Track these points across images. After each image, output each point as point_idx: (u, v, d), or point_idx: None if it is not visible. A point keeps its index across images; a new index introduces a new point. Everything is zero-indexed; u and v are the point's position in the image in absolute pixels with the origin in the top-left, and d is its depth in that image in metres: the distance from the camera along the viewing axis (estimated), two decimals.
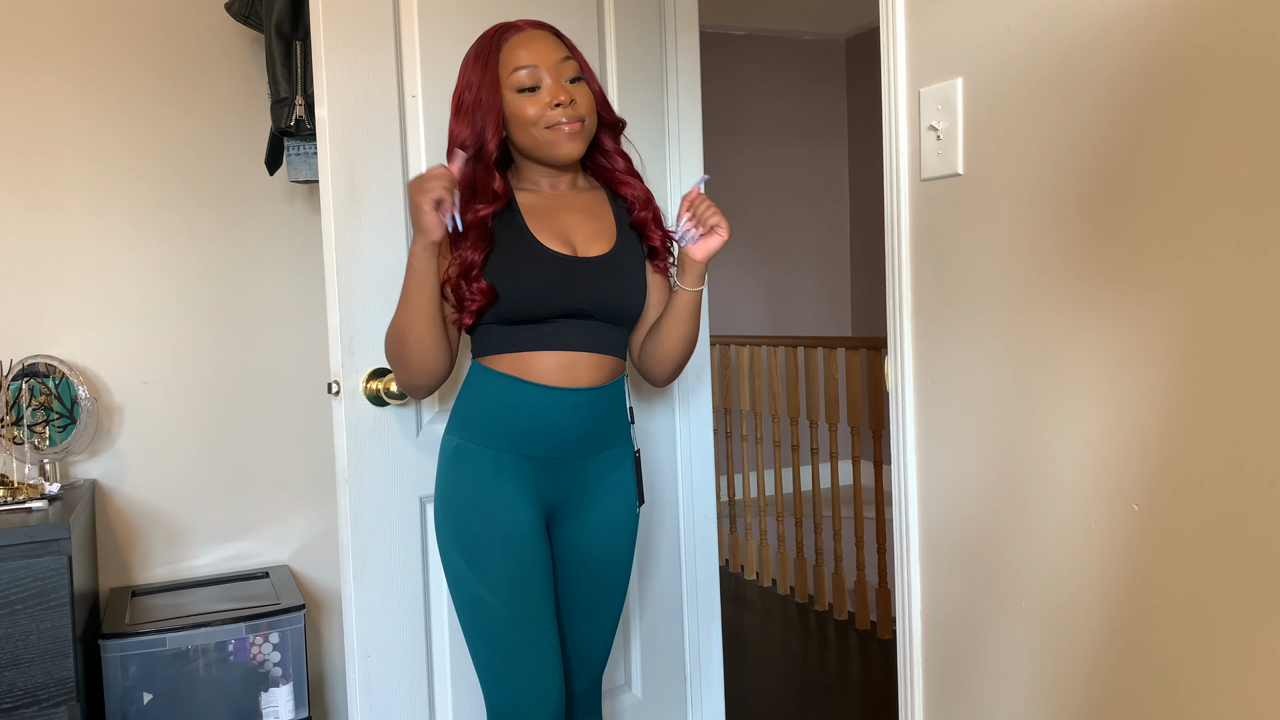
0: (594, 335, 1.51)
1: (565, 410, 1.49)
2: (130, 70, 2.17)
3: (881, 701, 2.79)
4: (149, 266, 2.20)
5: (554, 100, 1.44)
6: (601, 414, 1.53)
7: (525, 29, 1.47)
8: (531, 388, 1.48)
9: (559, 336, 1.48)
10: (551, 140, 1.46)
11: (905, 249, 1.34)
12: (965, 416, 1.27)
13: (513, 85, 1.45)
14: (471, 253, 1.44)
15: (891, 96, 1.34)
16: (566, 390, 1.49)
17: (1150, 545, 1.03)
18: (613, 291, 1.50)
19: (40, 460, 1.98)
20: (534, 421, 1.49)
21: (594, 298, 1.49)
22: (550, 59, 1.45)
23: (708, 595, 2.23)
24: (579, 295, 1.48)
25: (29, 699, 1.66)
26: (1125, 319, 1.04)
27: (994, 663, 1.26)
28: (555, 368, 1.48)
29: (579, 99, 1.46)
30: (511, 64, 1.45)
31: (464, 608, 1.50)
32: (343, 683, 2.39)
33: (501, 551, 1.47)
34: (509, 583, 1.46)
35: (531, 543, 1.49)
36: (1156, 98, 0.99)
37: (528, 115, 1.45)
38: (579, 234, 1.52)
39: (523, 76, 1.44)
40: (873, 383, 3.25)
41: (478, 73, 1.46)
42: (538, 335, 1.48)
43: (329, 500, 2.31)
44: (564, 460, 1.52)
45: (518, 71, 1.44)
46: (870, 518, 4.42)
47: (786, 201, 5.74)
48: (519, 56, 1.44)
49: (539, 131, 1.45)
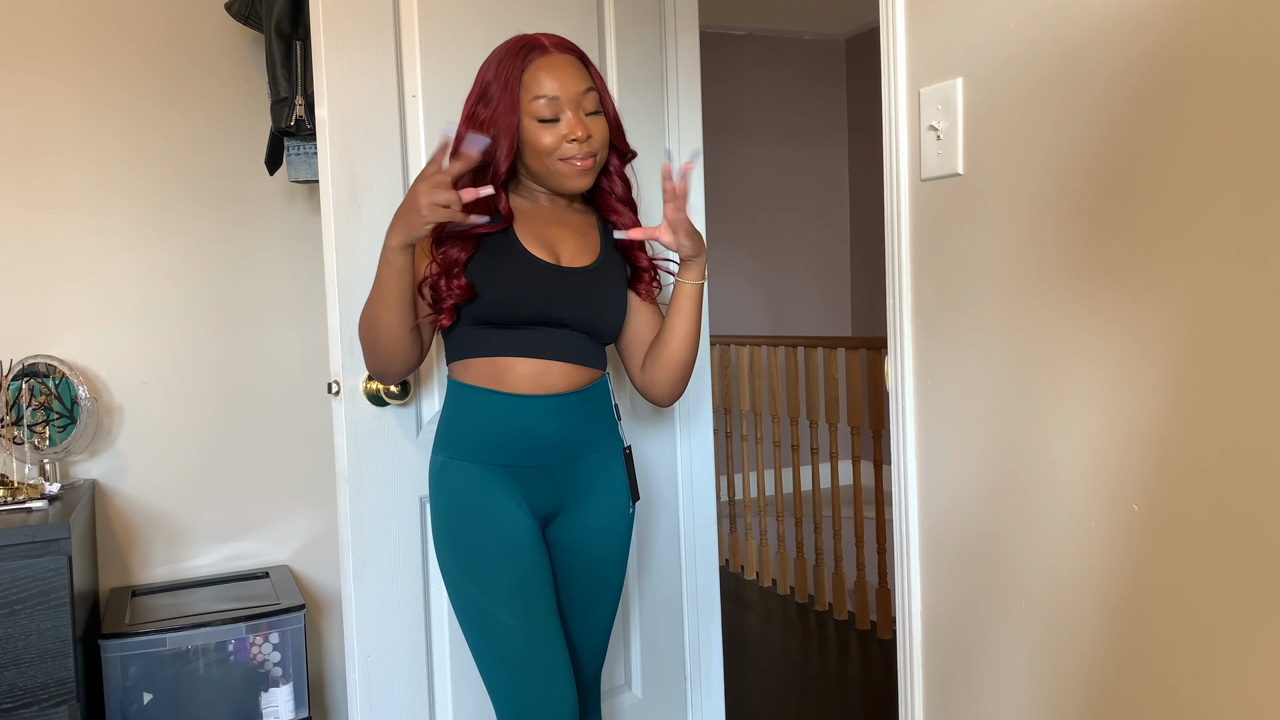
0: (570, 345, 1.50)
1: (542, 416, 1.49)
2: (130, 70, 2.17)
3: (881, 701, 2.79)
4: (149, 266, 2.20)
5: (571, 135, 1.43)
6: (582, 418, 1.53)
7: (552, 52, 1.44)
8: (506, 398, 1.47)
9: (535, 344, 1.48)
10: (563, 173, 1.46)
11: (905, 249, 1.34)
12: (965, 416, 1.27)
13: (533, 113, 1.43)
14: (457, 251, 1.44)
15: (891, 96, 1.34)
16: (541, 397, 1.48)
17: (1150, 545, 1.03)
18: (592, 304, 1.50)
19: (40, 460, 1.98)
20: (513, 431, 1.48)
21: (573, 308, 1.48)
22: (573, 90, 1.43)
23: (708, 595, 2.23)
24: (558, 304, 1.48)
25: (29, 699, 1.66)
26: (1125, 319, 1.04)
27: (994, 663, 1.26)
28: (528, 375, 1.48)
29: (596, 134, 1.45)
30: (534, 90, 1.42)
31: (469, 622, 1.48)
32: (343, 683, 2.39)
33: (501, 561, 1.46)
34: (512, 592, 1.46)
35: (529, 550, 1.48)
36: (1156, 98, 0.99)
37: (543, 145, 1.44)
38: (565, 246, 1.52)
39: (543, 107, 1.42)
40: (873, 383, 3.25)
41: (498, 89, 1.43)
42: (513, 341, 1.48)
43: (329, 500, 2.31)
44: (549, 467, 1.52)
45: (539, 100, 1.42)
46: (870, 518, 4.42)
47: (786, 201, 5.74)
48: (543, 84, 1.42)
49: (552, 162, 1.45)
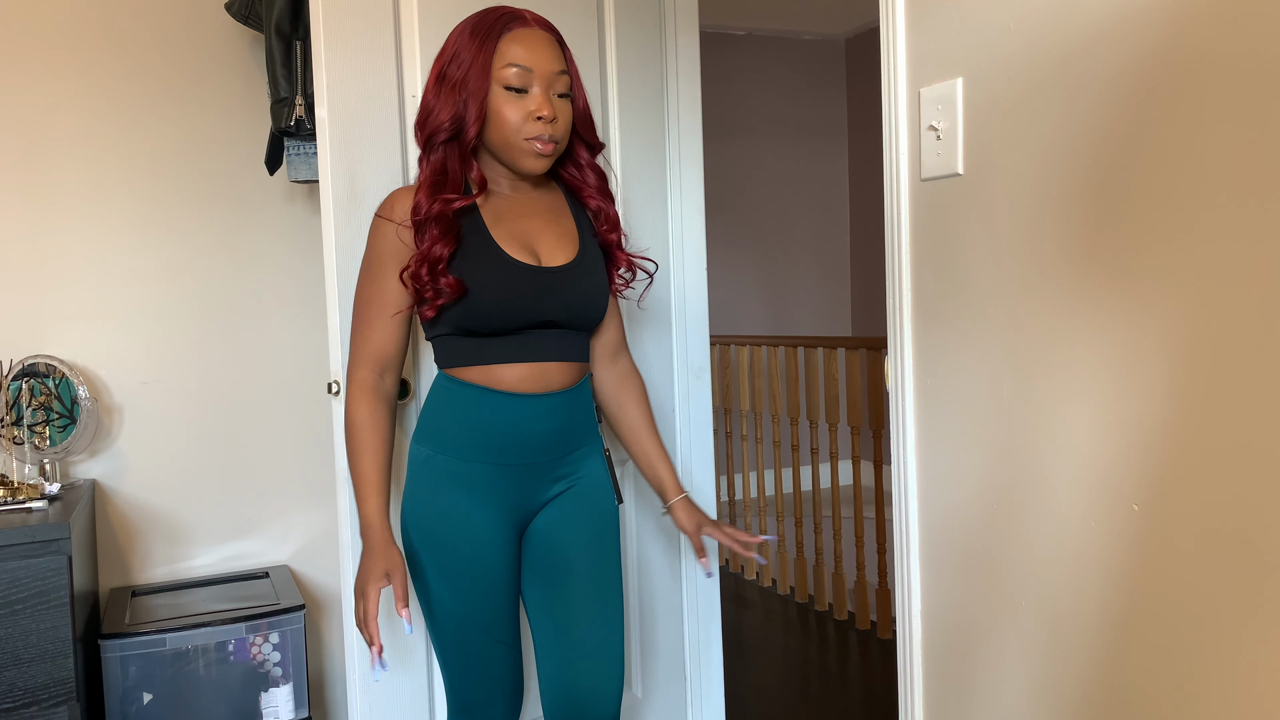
0: (561, 344, 1.49)
1: (537, 416, 1.47)
2: (130, 71, 2.17)
3: (881, 701, 2.79)
4: (149, 266, 2.20)
5: (539, 111, 1.40)
6: (572, 415, 1.52)
7: (532, 25, 1.43)
8: (503, 397, 1.45)
9: (527, 348, 1.46)
10: (522, 151, 1.43)
11: (905, 249, 1.34)
12: (965, 416, 1.27)
13: (501, 80, 1.40)
14: (439, 247, 1.40)
15: (891, 96, 1.34)
16: (536, 396, 1.46)
17: (1150, 545, 1.03)
18: (579, 300, 1.48)
19: (40, 460, 1.98)
20: (506, 430, 1.46)
21: (561, 308, 1.46)
22: (547, 68, 1.41)
23: (708, 595, 2.23)
24: (546, 306, 1.45)
25: (29, 699, 1.66)
26: (1125, 319, 1.04)
27: (994, 662, 1.26)
28: (524, 376, 1.46)
29: (561, 118, 1.43)
30: (507, 57, 1.40)
31: (426, 606, 1.49)
32: (343, 683, 2.39)
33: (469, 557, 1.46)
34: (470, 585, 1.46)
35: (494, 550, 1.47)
36: (1156, 97, 0.99)
37: (506, 117, 1.41)
38: (542, 241, 1.49)
39: (513, 75, 1.40)
40: (873, 383, 3.25)
41: (471, 51, 1.41)
42: (504, 348, 1.45)
43: (329, 500, 2.31)
44: (535, 465, 1.50)
45: (510, 68, 1.40)
46: (870, 518, 4.42)
47: (786, 201, 5.74)
48: (516, 53, 1.40)
49: (515, 138, 1.42)
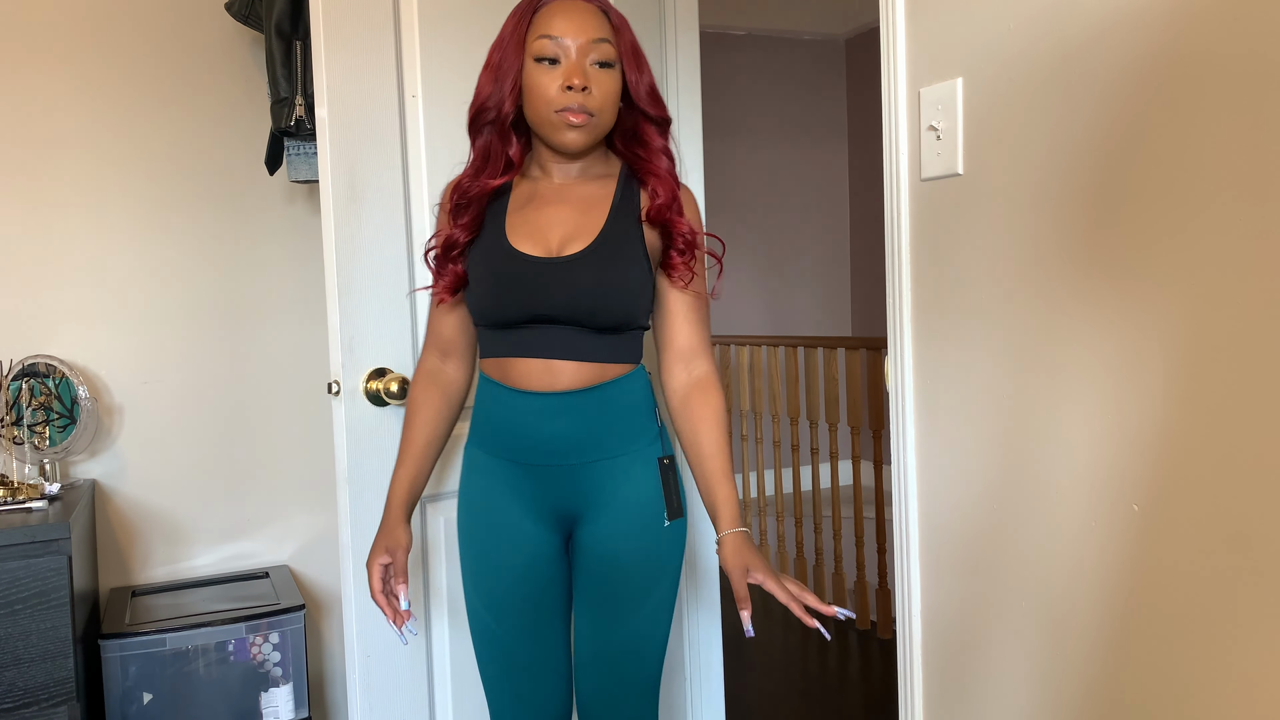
0: (571, 341, 1.37)
1: (543, 415, 1.39)
2: (130, 70, 2.17)
3: (881, 701, 2.79)
4: (149, 266, 2.20)
5: (567, 82, 1.32)
6: (593, 419, 1.39)
7: None
8: (509, 393, 1.40)
9: (533, 343, 1.38)
10: (554, 124, 1.34)
11: (905, 249, 1.34)
12: (965, 416, 1.27)
13: (533, 52, 1.34)
14: (461, 233, 1.39)
15: (891, 96, 1.34)
16: (543, 395, 1.38)
17: (1150, 545, 1.03)
18: (585, 295, 1.35)
19: (40, 460, 1.98)
20: (514, 426, 1.41)
21: (561, 302, 1.35)
22: (583, 36, 1.33)
23: (708, 595, 2.22)
24: (542, 300, 1.35)
25: (29, 699, 1.66)
26: (1125, 319, 1.04)
27: (994, 663, 1.26)
28: (529, 373, 1.39)
29: (597, 89, 1.34)
30: (540, 29, 1.34)
31: (469, 614, 1.51)
32: (343, 683, 2.39)
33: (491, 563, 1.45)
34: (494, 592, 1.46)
35: (521, 552, 1.44)
36: (1156, 97, 0.99)
37: (539, 91, 1.34)
38: (559, 230, 1.38)
39: (543, 45, 1.33)
40: (873, 383, 3.25)
41: (509, 27, 1.37)
42: (512, 340, 1.39)
43: (329, 500, 2.31)
44: (559, 469, 1.41)
45: (541, 39, 1.33)
46: (870, 518, 4.42)
47: (786, 201, 5.74)
48: (550, 24, 1.33)
49: (547, 112, 1.34)
